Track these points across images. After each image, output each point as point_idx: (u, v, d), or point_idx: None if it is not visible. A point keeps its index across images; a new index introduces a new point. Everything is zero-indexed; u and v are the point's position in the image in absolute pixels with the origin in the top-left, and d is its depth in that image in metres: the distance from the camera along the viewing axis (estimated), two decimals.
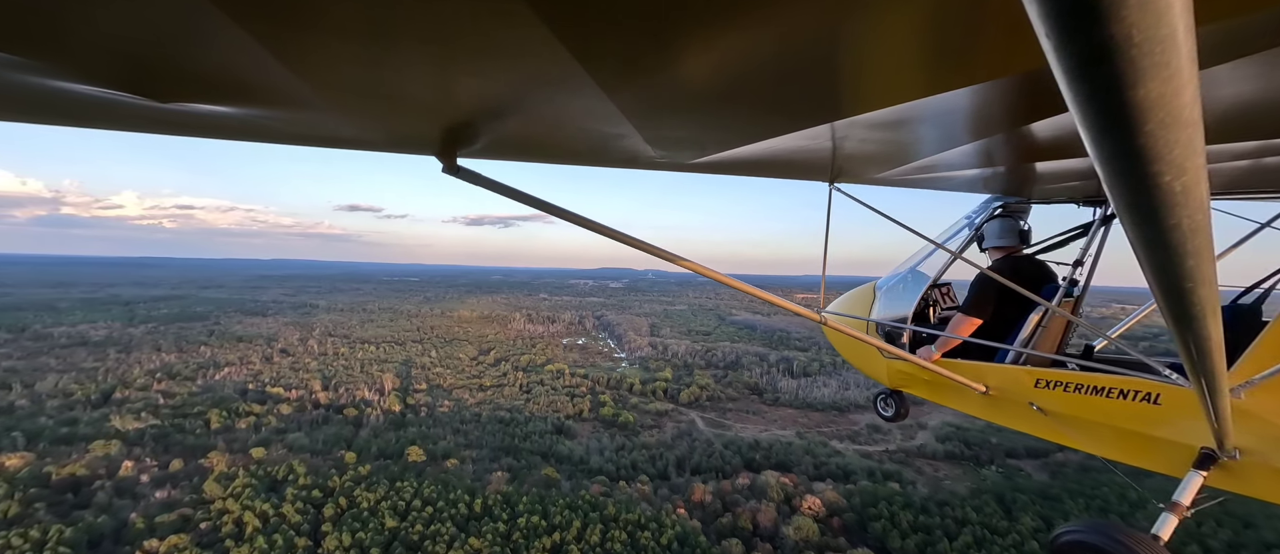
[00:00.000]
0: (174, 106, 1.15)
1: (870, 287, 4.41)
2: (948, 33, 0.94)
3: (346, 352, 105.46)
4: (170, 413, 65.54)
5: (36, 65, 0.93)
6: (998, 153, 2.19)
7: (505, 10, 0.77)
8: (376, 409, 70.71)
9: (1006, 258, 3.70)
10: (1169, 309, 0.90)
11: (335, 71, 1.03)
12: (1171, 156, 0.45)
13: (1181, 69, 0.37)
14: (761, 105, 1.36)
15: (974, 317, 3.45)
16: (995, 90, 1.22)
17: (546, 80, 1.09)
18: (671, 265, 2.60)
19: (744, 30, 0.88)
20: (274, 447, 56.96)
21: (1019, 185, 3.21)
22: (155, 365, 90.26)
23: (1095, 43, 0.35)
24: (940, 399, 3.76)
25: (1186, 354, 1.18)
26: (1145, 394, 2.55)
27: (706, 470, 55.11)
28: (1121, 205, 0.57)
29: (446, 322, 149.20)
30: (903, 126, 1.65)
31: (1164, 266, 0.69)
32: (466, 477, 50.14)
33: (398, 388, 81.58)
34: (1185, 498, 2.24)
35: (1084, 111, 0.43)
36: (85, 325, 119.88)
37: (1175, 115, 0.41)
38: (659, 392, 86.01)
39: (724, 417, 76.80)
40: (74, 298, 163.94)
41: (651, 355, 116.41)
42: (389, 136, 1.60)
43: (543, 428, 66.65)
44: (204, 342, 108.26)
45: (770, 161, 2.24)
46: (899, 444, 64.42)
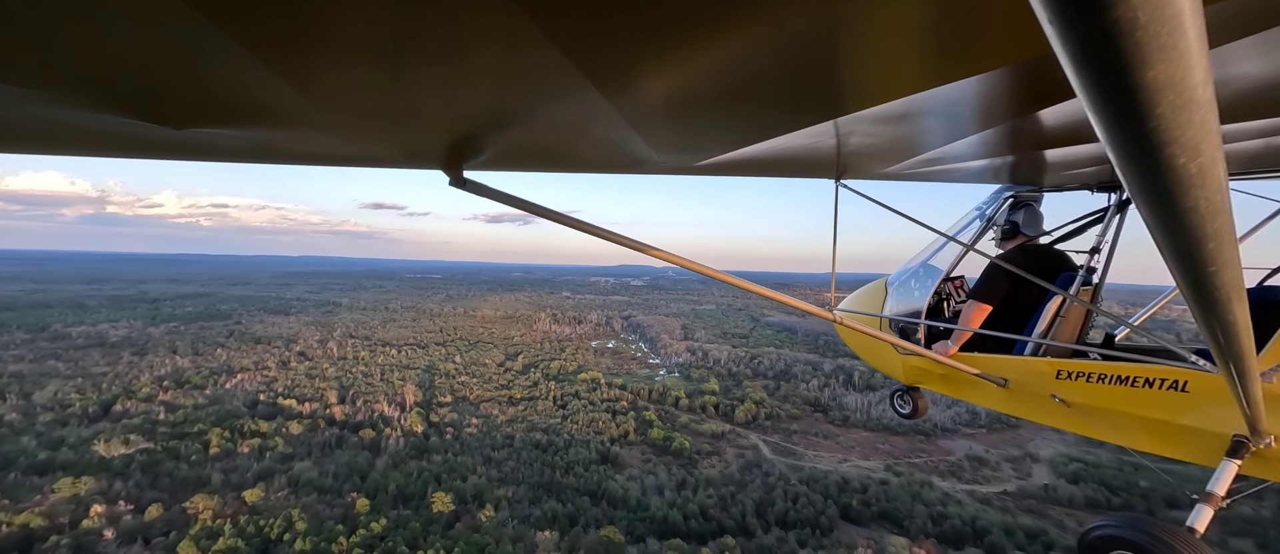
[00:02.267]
0: (187, 133, 1.15)
1: (882, 283, 4.19)
2: (950, 23, 0.91)
3: (367, 356, 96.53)
4: (167, 432, 56.48)
5: (51, 97, 0.92)
6: (1006, 142, 2.12)
7: (505, 21, 0.76)
8: (397, 429, 60.59)
9: (1019, 247, 3.52)
10: (1192, 294, 0.87)
11: (342, 92, 1.02)
12: (1185, 138, 0.43)
13: (1191, 49, 0.36)
14: (764, 104, 1.34)
15: (982, 303, 3.28)
16: (1001, 79, 1.18)
17: (548, 89, 1.08)
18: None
19: (743, 29, 0.85)
20: (274, 482, 47.16)
21: (1030, 174, 3.14)
22: (166, 371, 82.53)
23: (1100, 27, 0.33)
24: (958, 394, 3.62)
25: (1212, 339, 1.14)
26: (1172, 382, 2.45)
27: (798, 523, 43.28)
28: (1136, 190, 0.56)
29: (470, 322, 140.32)
30: (908, 120, 1.61)
31: (1184, 250, 0.66)
32: (505, 538, 38.92)
33: (420, 401, 71.64)
34: (1219, 488, 2.16)
35: (1093, 97, 0.42)
36: (106, 325, 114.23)
37: (1187, 96, 0.39)
38: (709, 407, 74.40)
39: (790, 440, 64.83)
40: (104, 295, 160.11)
41: (691, 362, 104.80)
42: (395, 153, 1.58)
43: (586, 456, 55.69)
44: (221, 343, 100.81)
45: (775, 161, 2.21)
46: (1017, 484, 51.71)
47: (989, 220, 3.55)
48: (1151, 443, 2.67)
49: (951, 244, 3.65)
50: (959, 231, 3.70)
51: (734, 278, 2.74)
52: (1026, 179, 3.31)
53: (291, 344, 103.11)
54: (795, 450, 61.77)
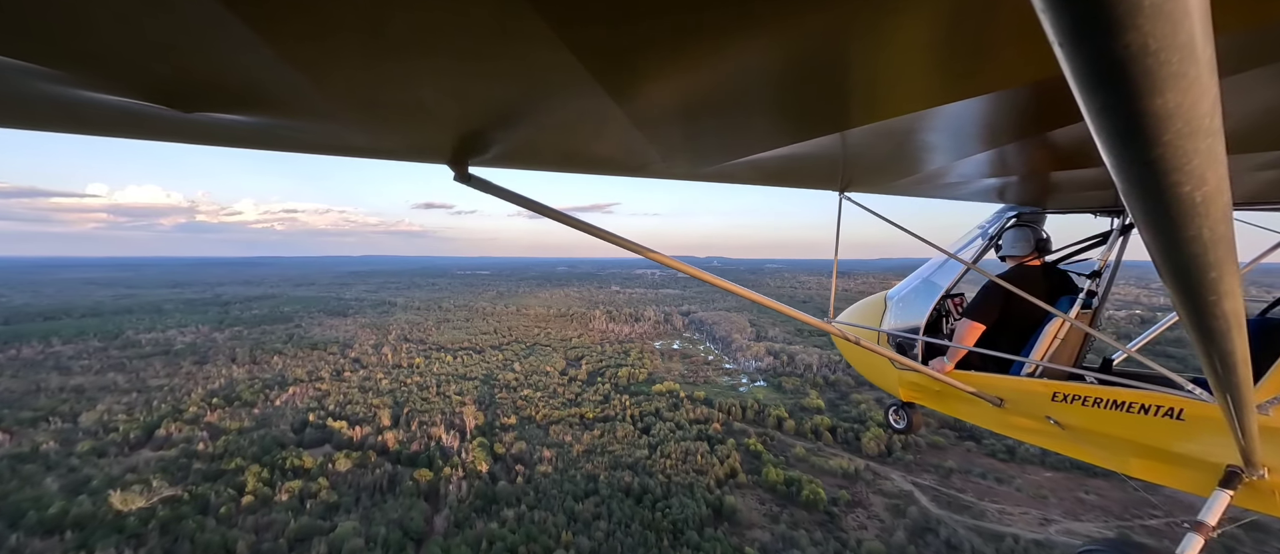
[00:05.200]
0: (197, 117, 1.13)
1: (881, 297, 4.18)
2: (959, 41, 0.89)
3: (422, 363, 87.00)
4: (202, 471, 47.20)
5: (65, 76, 0.91)
6: (1011, 162, 2.09)
7: (516, 19, 0.74)
8: (458, 467, 48.80)
9: (1019, 267, 3.46)
10: (1192, 322, 0.85)
11: (353, 84, 1.00)
12: (1191, 166, 0.42)
13: (1201, 77, 0.35)
14: (772, 114, 1.33)
15: (976, 321, 3.26)
16: (1008, 99, 1.15)
17: (556, 89, 1.06)
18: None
19: (754, 39, 0.83)
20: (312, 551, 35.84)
21: (1034, 195, 3.09)
22: (220, 383, 75.76)
23: (1111, 52, 0.32)
24: (953, 411, 3.57)
25: (1210, 368, 1.13)
26: (1168, 409, 2.42)
27: None
28: (1140, 215, 0.54)
29: (523, 321, 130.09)
30: (914, 135, 1.58)
31: (1185, 278, 0.65)
32: None
33: (481, 425, 59.97)
34: (1211, 518, 2.12)
35: (1100, 121, 0.40)
36: (175, 331, 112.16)
37: (1194, 125, 0.38)
38: (822, 432, 58.55)
39: (948, 483, 48.09)
40: (182, 298, 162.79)
41: (775, 367, 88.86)
42: (401, 145, 1.54)
43: (694, 510, 41.65)
44: (279, 350, 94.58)
45: (780, 171, 2.18)
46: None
47: (991, 239, 3.50)
48: (1144, 469, 2.62)
49: (952, 261, 3.53)
50: (960, 249, 3.64)
51: (736, 286, 2.68)
52: (1030, 199, 3.26)
53: (347, 349, 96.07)
54: (966, 501, 45.04)
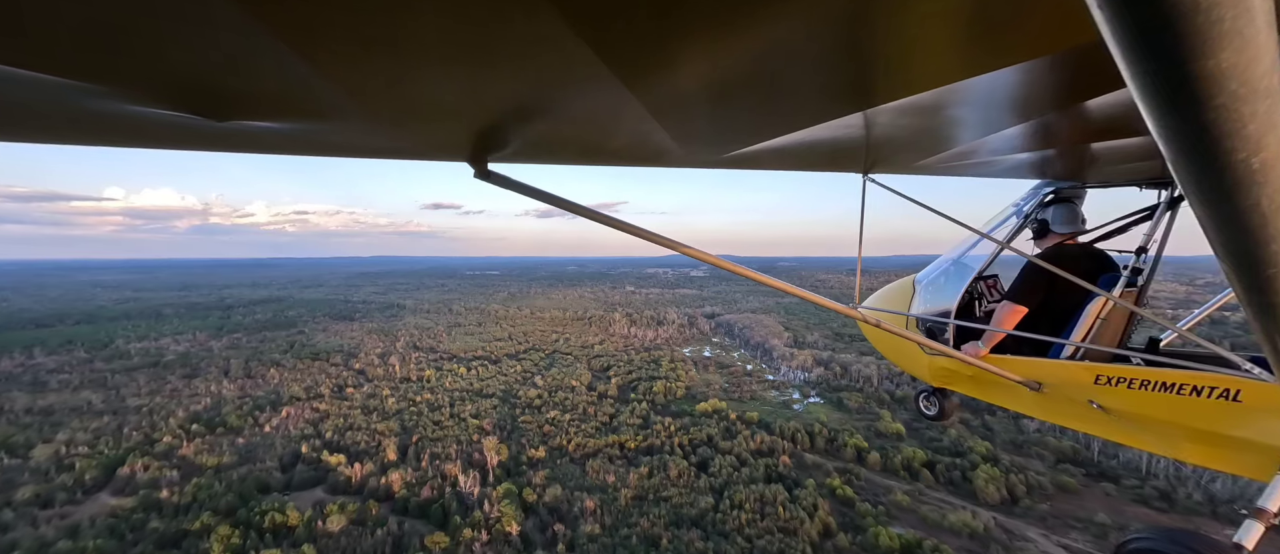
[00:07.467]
0: (228, 125, 1.15)
1: (909, 281, 3.92)
2: (990, 10, 0.83)
3: (433, 377, 76.28)
4: (155, 536, 36.38)
5: (104, 91, 0.92)
6: (1046, 135, 1.96)
7: (532, 17, 0.74)
8: (480, 526, 37.85)
9: (1059, 245, 3.24)
10: (1250, 298, 0.80)
11: (376, 86, 1.00)
12: (1247, 131, 0.38)
13: (1258, 35, 0.32)
14: (790, 96, 1.28)
15: (1018, 304, 3.08)
16: (1043, 68, 1.07)
17: (571, 81, 1.04)
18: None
19: (770, 20, 0.80)
20: None
21: (1072, 168, 2.90)
22: (206, 403, 65.39)
23: (1158, 11, 0.29)
24: (987, 397, 3.41)
25: (1270, 346, 1.06)
26: (1223, 390, 2.27)
27: None
28: (1190, 186, 0.51)
29: (540, 325, 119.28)
30: (941, 111, 1.49)
31: (1242, 252, 0.60)
32: None
33: (505, 461, 49.01)
34: (1272, 504, 1.97)
35: (1144, 86, 0.37)
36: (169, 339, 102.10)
37: (1251, 86, 0.35)
38: (918, 469, 47.25)
39: (1106, 544, 36.63)
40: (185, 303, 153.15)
41: (828, 379, 77.34)
42: (424, 145, 1.55)
43: None
44: (277, 361, 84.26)
45: (801, 154, 2.11)
46: None
47: (1026, 217, 3.30)
48: (1197, 454, 2.52)
49: (984, 241, 3.37)
50: (994, 228, 3.42)
51: (758, 274, 2.62)
52: (1068, 174, 3.06)
53: (351, 359, 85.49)
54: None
